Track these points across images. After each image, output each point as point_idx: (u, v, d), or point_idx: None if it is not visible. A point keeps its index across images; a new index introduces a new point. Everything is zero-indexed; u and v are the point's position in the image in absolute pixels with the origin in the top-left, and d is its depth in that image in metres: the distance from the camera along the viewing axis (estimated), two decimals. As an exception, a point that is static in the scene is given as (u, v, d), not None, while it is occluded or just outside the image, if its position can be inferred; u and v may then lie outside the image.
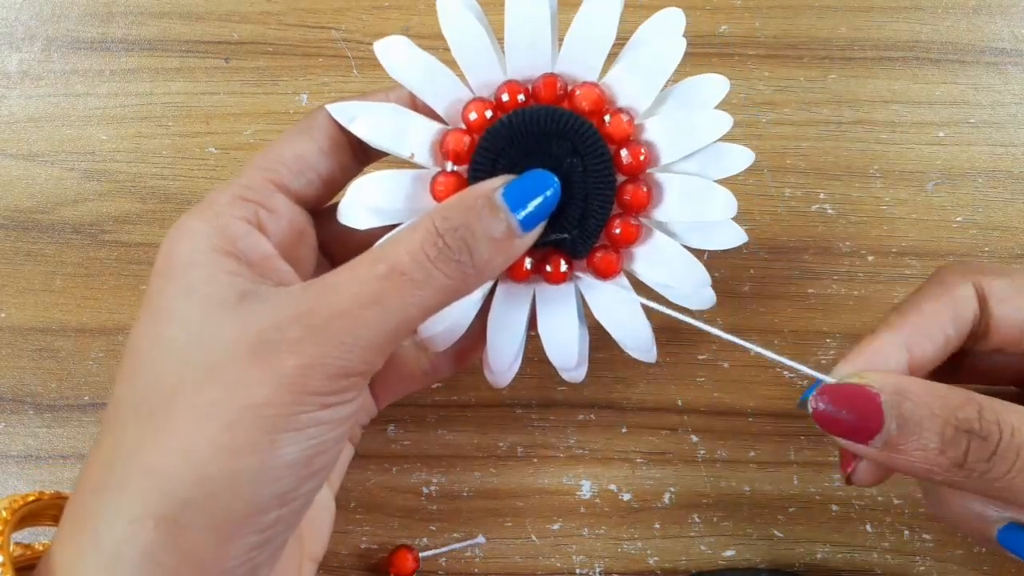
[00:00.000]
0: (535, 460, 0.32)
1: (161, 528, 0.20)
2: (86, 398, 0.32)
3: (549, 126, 0.24)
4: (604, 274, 0.25)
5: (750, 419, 0.32)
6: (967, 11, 0.35)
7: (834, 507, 0.31)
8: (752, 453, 0.32)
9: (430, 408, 0.32)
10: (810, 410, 0.22)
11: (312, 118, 0.26)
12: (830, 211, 0.33)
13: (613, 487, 0.32)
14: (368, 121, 0.25)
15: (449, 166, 0.25)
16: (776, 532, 0.31)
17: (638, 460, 0.32)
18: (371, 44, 0.35)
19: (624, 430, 0.32)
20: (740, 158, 0.25)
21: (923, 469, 0.21)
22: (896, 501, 0.31)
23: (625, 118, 0.25)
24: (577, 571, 0.31)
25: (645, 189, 0.25)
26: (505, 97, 0.25)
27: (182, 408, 0.21)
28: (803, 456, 0.32)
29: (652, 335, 0.26)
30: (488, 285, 0.26)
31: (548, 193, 0.23)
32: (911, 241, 0.33)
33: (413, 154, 0.25)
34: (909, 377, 0.22)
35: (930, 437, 0.20)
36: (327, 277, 0.22)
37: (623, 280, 0.26)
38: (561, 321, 0.26)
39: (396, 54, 0.25)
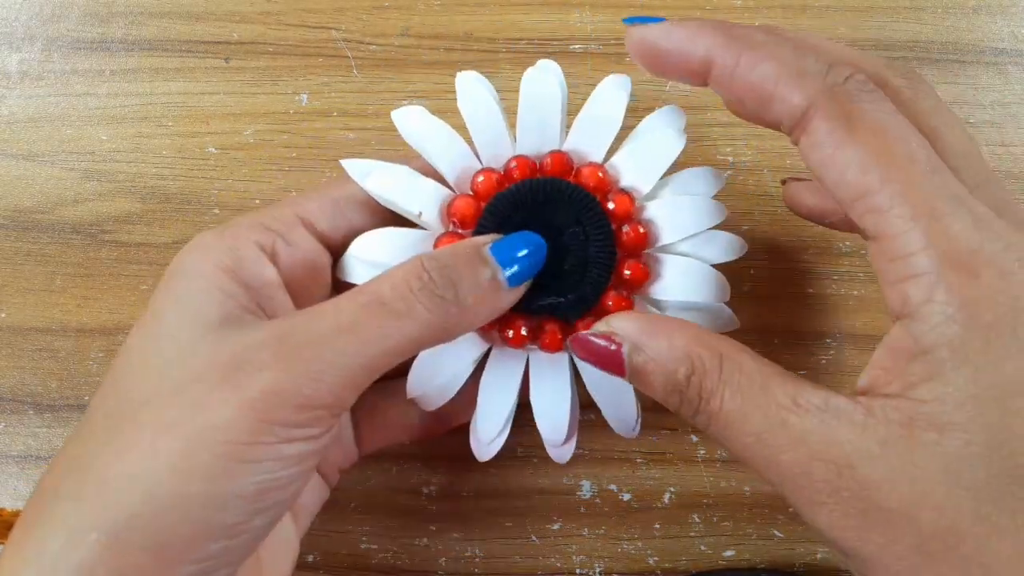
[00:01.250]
0: (535, 460, 0.32)
1: (102, 542, 0.19)
2: (86, 398, 0.32)
3: (554, 195, 0.25)
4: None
5: (750, 419, 0.32)
6: (967, 11, 0.35)
7: (834, 507, 0.31)
8: (752, 453, 0.32)
9: (430, 408, 0.32)
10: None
11: (338, 181, 0.26)
12: (830, 211, 0.33)
13: (613, 487, 0.32)
14: (381, 178, 0.25)
15: (454, 228, 0.26)
16: (776, 532, 0.31)
17: (638, 460, 0.32)
18: (371, 44, 0.35)
19: (624, 430, 0.32)
20: (732, 247, 0.26)
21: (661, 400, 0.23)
22: (896, 501, 0.31)
23: (625, 197, 0.26)
24: (577, 571, 0.31)
25: (643, 265, 0.26)
26: (514, 169, 0.26)
27: (145, 422, 0.20)
28: (803, 456, 0.32)
29: (636, 414, 0.27)
30: (482, 350, 0.26)
31: (535, 251, 0.24)
32: (911, 241, 0.33)
33: (421, 213, 0.25)
34: (652, 322, 0.22)
35: (655, 389, 0.22)
36: (311, 308, 0.22)
37: None
38: (554, 389, 0.26)
39: (412, 122, 0.26)
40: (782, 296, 0.33)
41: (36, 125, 0.34)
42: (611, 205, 0.26)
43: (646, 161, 0.26)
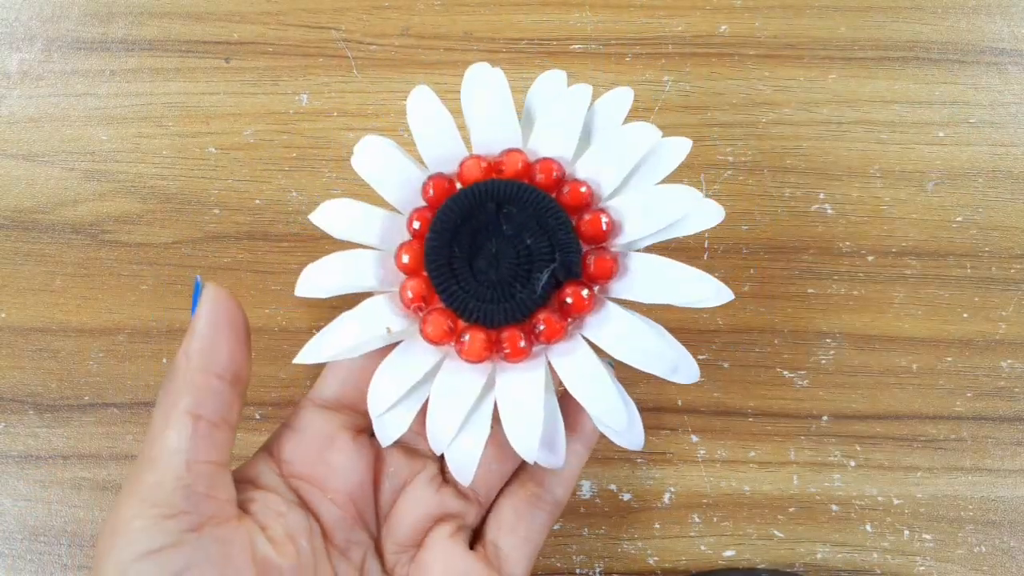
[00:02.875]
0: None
1: None
2: (86, 398, 0.32)
3: (472, 198, 0.24)
4: (549, 337, 0.24)
5: (750, 419, 0.32)
6: (967, 11, 0.35)
7: (834, 507, 0.31)
8: (752, 453, 0.32)
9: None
10: None
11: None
12: (830, 211, 0.33)
13: (613, 487, 0.32)
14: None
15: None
16: (776, 532, 0.31)
17: (638, 460, 0.32)
18: (371, 44, 0.35)
19: (624, 430, 0.32)
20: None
21: None
22: (896, 501, 0.31)
23: (582, 189, 0.24)
24: (577, 571, 0.31)
25: (610, 258, 0.24)
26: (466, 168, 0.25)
27: None
28: (803, 456, 0.32)
29: (624, 408, 0.23)
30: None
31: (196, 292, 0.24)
32: (911, 241, 0.33)
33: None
34: None
35: None
36: None
37: (583, 346, 0.24)
38: (527, 398, 0.23)
39: (333, 215, 0.25)
40: (782, 296, 0.33)
41: (36, 125, 0.34)
42: (565, 196, 0.24)
43: (612, 161, 0.24)
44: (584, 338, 0.24)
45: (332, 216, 0.25)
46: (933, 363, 0.32)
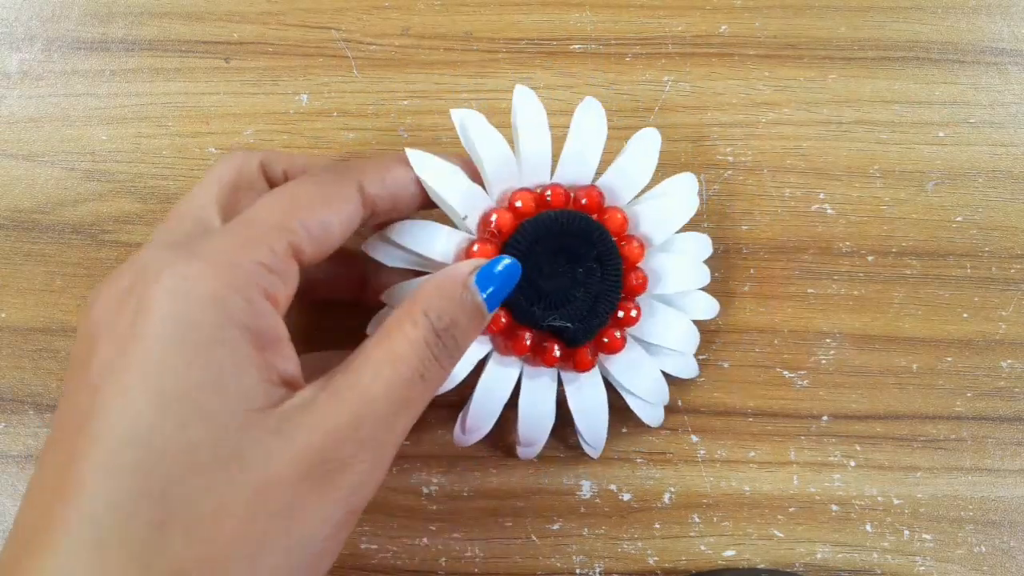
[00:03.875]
0: (535, 460, 0.32)
1: None
2: (86, 398, 0.32)
3: (582, 229, 0.27)
4: (611, 351, 0.29)
5: (750, 419, 0.32)
6: (967, 11, 0.35)
7: (834, 507, 0.31)
8: (752, 453, 0.32)
9: (430, 408, 0.32)
10: None
11: (346, 178, 0.24)
12: (830, 211, 0.33)
13: (613, 487, 0.32)
14: (440, 174, 0.26)
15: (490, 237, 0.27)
16: (776, 532, 0.31)
17: (638, 460, 0.32)
18: (371, 44, 0.35)
19: (624, 430, 0.32)
20: (710, 308, 0.31)
21: None
22: (896, 501, 0.31)
23: (636, 245, 0.28)
24: (577, 571, 0.31)
25: (638, 310, 0.29)
26: (548, 195, 0.28)
27: (234, 536, 0.19)
28: (803, 456, 0.32)
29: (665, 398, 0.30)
30: (516, 372, 0.28)
31: (512, 274, 0.25)
32: (911, 241, 0.33)
33: (466, 216, 0.27)
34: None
35: None
36: (352, 379, 0.21)
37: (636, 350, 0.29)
38: (594, 403, 0.29)
39: (473, 126, 0.27)
40: (782, 296, 0.33)
41: (36, 125, 0.34)
42: (625, 250, 0.28)
43: (666, 218, 0.29)
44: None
45: (434, 168, 0.26)
46: (933, 363, 0.32)
